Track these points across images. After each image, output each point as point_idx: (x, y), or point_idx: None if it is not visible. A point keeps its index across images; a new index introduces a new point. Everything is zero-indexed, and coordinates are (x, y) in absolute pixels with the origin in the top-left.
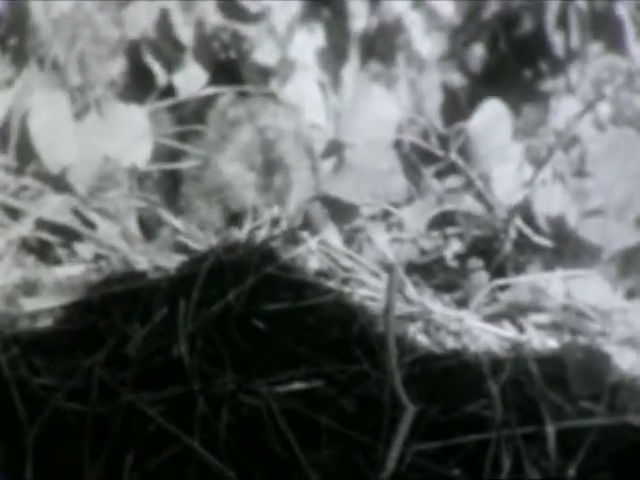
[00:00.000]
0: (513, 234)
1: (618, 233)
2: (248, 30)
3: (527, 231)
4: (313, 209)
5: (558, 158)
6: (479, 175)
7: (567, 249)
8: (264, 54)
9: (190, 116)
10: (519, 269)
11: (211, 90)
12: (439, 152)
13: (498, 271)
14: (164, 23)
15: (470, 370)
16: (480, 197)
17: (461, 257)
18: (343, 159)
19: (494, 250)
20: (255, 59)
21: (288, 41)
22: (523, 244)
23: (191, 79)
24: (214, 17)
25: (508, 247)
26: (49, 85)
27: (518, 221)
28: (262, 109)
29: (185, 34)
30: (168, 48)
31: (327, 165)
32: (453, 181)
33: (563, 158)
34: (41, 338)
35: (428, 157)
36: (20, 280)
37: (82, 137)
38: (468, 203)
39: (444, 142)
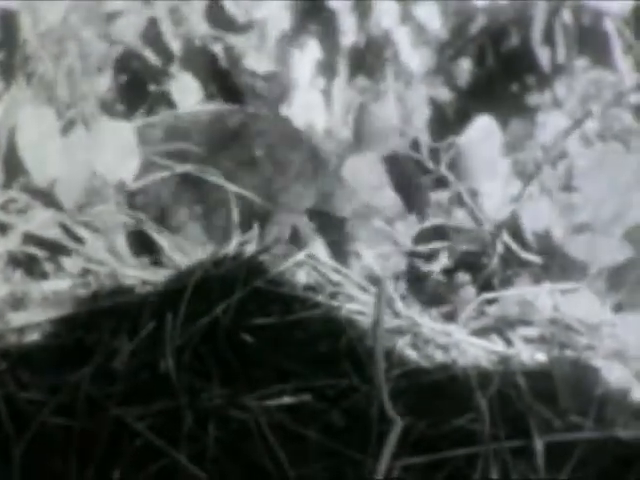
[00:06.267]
0: (500, 249)
1: (606, 248)
2: (237, 41)
3: (515, 247)
4: (301, 223)
5: (545, 173)
6: (468, 189)
7: (555, 263)
8: (258, 63)
9: (181, 130)
10: (507, 283)
11: (206, 106)
12: (428, 166)
13: (486, 285)
14: (152, 35)
15: (458, 384)
16: (469, 211)
17: (449, 271)
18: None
19: (482, 264)
20: (248, 69)
21: (281, 55)
22: (511, 258)
23: (187, 91)
24: (202, 27)
25: (496, 261)
26: (37, 100)
27: (506, 236)
28: (256, 126)
29: (174, 46)
30: (157, 61)
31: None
32: (442, 195)
33: (550, 173)
34: (28, 353)
35: (417, 171)
36: (7, 295)
37: (70, 152)
38: (456, 217)
39: (433, 156)
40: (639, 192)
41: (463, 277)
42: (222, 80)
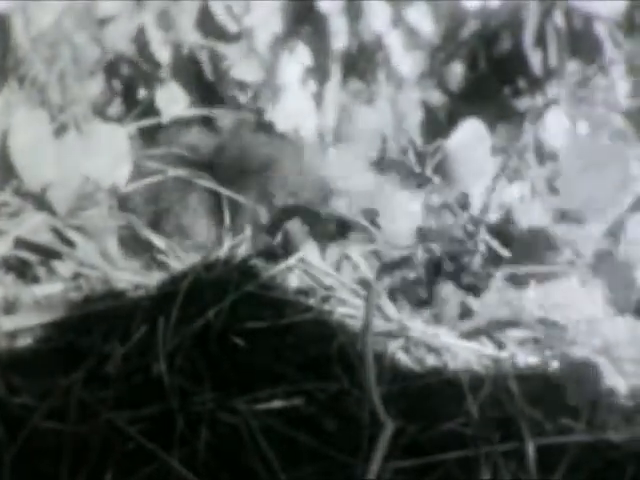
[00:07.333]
0: (485, 250)
1: (592, 247)
2: (227, 50)
3: (501, 249)
4: (292, 226)
5: (535, 174)
6: (455, 192)
7: (541, 263)
8: (246, 73)
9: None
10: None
11: (194, 111)
12: (418, 168)
13: (473, 286)
14: (143, 41)
15: (449, 387)
16: (457, 214)
17: (438, 273)
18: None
19: (469, 265)
20: (236, 78)
21: (273, 60)
22: (496, 258)
23: (172, 100)
24: (192, 36)
25: (481, 262)
26: (29, 103)
27: (491, 238)
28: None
29: (163, 53)
30: (147, 67)
31: None
32: (430, 198)
33: (540, 174)
34: (20, 357)
35: (406, 173)
36: None
37: (62, 156)
38: (444, 220)
39: (423, 159)
40: (627, 194)
41: (451, 278)
42: (208, 89)
